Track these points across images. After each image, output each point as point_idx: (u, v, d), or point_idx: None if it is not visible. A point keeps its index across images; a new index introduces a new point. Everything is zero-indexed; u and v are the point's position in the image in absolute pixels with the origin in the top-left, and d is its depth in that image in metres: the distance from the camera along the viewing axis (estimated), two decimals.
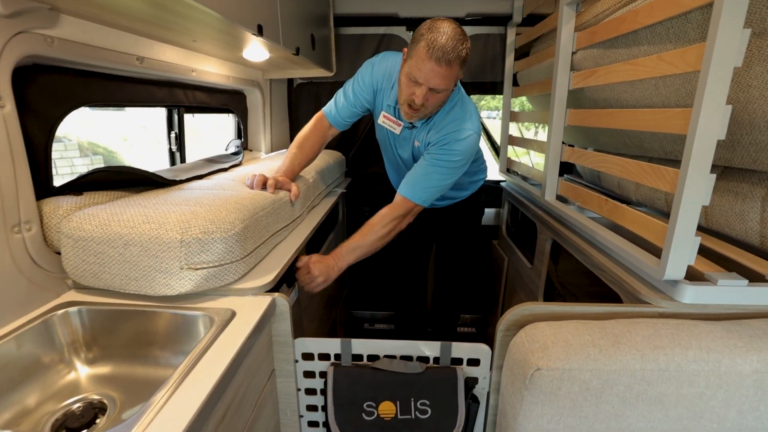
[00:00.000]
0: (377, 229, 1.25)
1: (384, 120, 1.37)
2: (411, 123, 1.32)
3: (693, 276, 0.86)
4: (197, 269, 0.83)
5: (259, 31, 1.00)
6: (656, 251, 0.89)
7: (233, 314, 0.83)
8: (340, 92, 1.44)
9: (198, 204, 0.91)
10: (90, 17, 0.89)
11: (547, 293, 1.55)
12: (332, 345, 0.95)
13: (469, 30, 2.06)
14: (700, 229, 1.05)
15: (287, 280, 1.16)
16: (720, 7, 0.69)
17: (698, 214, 0.77)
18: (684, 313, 0.84)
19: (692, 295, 0.83)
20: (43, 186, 0.91)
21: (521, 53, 1.99)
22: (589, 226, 1.17)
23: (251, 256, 0.95)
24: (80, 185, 0.97)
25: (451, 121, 1.26)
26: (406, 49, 1.15)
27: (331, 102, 1.46)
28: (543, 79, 1.68)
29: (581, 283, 1.60)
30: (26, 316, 0.81)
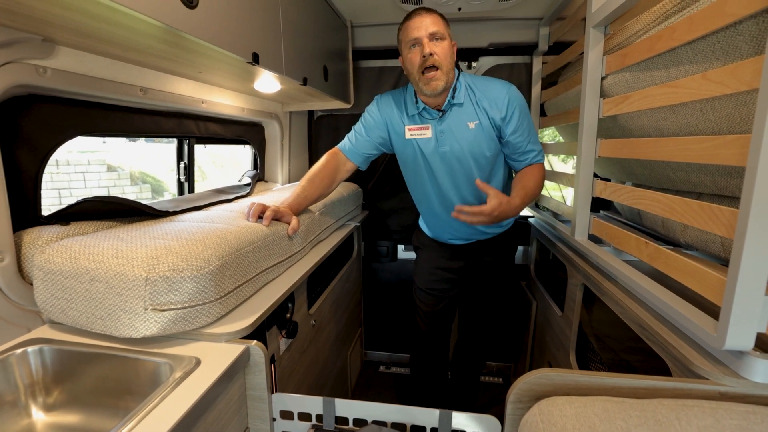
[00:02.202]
0: (540, 191, 1.34)
1: (412, 132, 1.32)
2: (440, 110, 1.28)
3: (766, 345, 0.67)
4: (163, 310, 0.75)
5: (255, 60, 0.97)
6: (714, 309, 0.71)
7: (198, 363, 0.73)
8: (351, 132, 1.42)
9: (176, 238, 0.84)
10: (87, 48, 0.89)
11: (579, 347, 1.34)
12: (313, 404, 0.83)
13: (494, 60, 1.99)
14: None
15: (278, 322, 1.06)
16: None
17: (767, 268, 0.60)
18: (755, 395, 0.65)
19: (766, 373, 0.64)
20: (30, 214, 0.89)
21: (548, 82, 1.88)
22: (625, 273, 0.99)
23: (230, 297, 0.87)
24: (68, 215, 0.94)
25: (486, 83, 1.30)
26: (401, 57, 1.26)
27: (345, 139, 1.43)
28: (571, 108, 1.55)
29: (622, 337, 1.37)
30: None
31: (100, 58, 0.95)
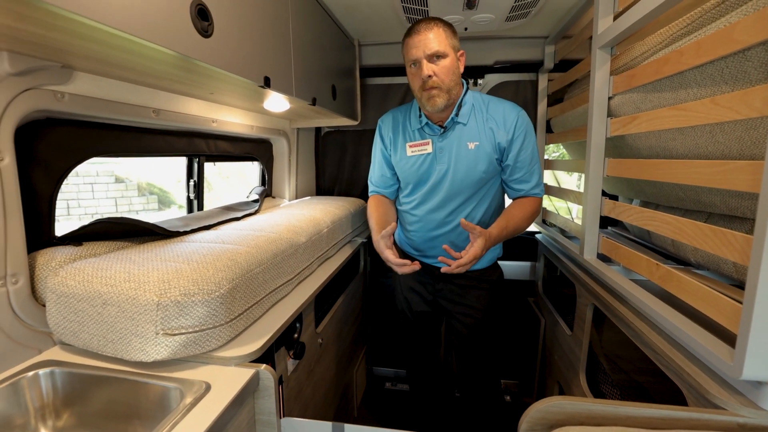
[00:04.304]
0: (527, 224, 1.29)
1: (413, 149, 1.33)
2: (443, 127, 1.28)
3: None
4: (174, 334, 0.75)
5: (266, 83, 0.98)
6: (728, 333, 0.70)
7: (208, 388, 0.73)
8: (373, 172, 1.46)
9: (187, 260, 0.85)
10: (104, 73, 0.91)
11: (590, 368, 1.32)
12: (322, 429, 0.82)
13: (499, 77, 2.01)
14: None
15: (286, 343, 1.06)
16: None
17: None
18: None
19: None
20: (44, 236, 0.90)
21: (554, 99, 1.89)
22: (635, 294, 0.98)
23: (240, 319, 0.87)
24: (80, 236, 0.95)
25: (498, 104, 1.29)
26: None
27: (371, 185, 1.47)
28: (578, 125, 1.55)
29: (634, 358, 1.35)
30: None
31: (115, 82, 0.97)
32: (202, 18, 0.74)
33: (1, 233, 0.76)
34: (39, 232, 0.89)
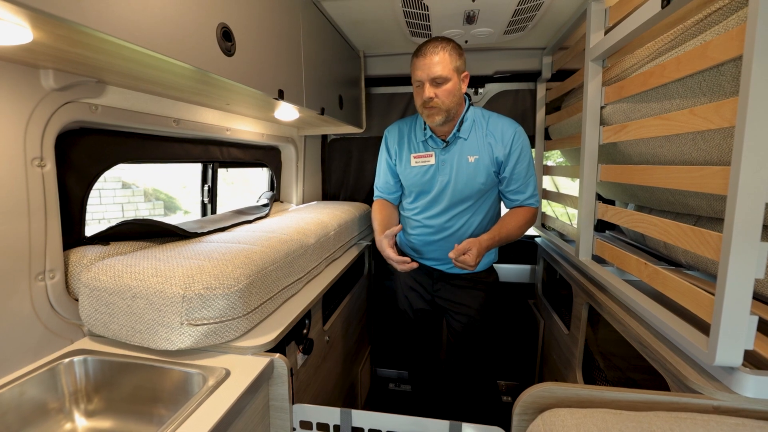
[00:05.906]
0: (521, 232, 1.36)
1: (417, 160, 1.41)
2: (445, 141, 1.35)
3: (758, 362, 0.72)
4: (197, 325, 0.82)
5: (280, 96, 1.06)
6: (707, 327, 0.76)
7: (227, 374, 0.80)
8: (378, 178, 1.54)
9: (208, 258, 0.92)
10: (132, 87, 1.00)
11: (585, 364, 1.38)
12: (331, 414, 0.88)
13: (499, 86, 2.09)
14: (762, 300, 0.90)
15: (296, 337, 1.12)
16: (750, 59, 0.63)
17: (751, 289, 0.65)
18: (746, 409, 0.69)
19: (755, 388, 0.68)
20: (75, 236, 0.98)
21: (552, 107, 1.96)
22: (626, 292, 1.04)
23: (255, 313, 0.94)
24: (108, 236, 1.03)
25: (497, 120, 1.36)
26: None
27: (376, 190, 1.56)
28: (574, 133, 1.62)
29: (627, 355, 1.40)
30: (37, 362, 0.83)
31: (141, 95, 1.05)
32: (226, 39, 0.82)
33: (42, 232, 0.84)
34: (71, 232, 0.97)
